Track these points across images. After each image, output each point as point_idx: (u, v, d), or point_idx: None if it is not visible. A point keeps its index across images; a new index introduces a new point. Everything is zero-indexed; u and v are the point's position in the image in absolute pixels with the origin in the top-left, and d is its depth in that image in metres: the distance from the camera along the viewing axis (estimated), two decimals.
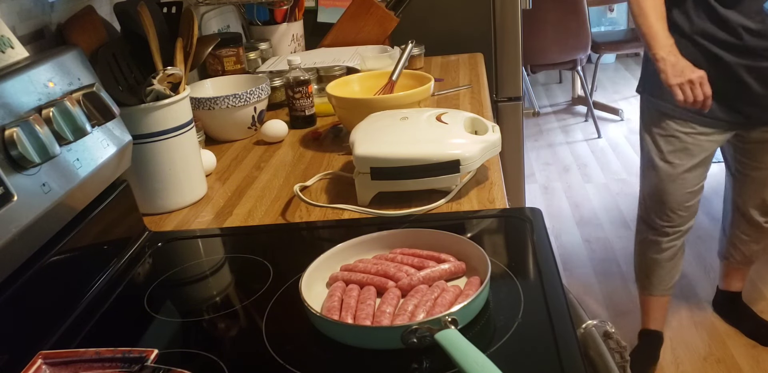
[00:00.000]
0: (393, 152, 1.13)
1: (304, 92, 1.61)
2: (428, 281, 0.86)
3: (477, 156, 1.13)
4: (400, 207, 1.13)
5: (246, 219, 1.18)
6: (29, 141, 0.81)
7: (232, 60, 1.82)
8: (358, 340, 0.79)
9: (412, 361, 0.76)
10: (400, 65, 1.53)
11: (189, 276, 1.04)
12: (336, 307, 0.83)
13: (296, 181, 1.29)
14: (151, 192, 1.21)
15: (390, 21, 2.03)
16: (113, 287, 0.99)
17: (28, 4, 1.09)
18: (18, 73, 0.87)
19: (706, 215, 3.02)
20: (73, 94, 0.93)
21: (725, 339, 2.27)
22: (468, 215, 1.11)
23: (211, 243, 1.13)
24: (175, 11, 1.27)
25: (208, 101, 1.50)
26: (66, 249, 0.91)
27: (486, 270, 0.84)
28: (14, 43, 0.94)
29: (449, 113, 1.23)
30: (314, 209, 1.18)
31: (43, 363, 0.70)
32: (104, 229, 1.02)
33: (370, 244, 0.96)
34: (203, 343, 0.85)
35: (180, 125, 1.19)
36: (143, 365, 0.67)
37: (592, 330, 0.83)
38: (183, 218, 1.21)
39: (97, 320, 0.92)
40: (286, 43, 2.12)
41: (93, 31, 1.17)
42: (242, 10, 2.15)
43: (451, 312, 0.76)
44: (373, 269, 0.89)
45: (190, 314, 0.94)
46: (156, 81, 1.15)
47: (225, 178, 1.38)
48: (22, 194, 0.80)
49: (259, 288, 0.94)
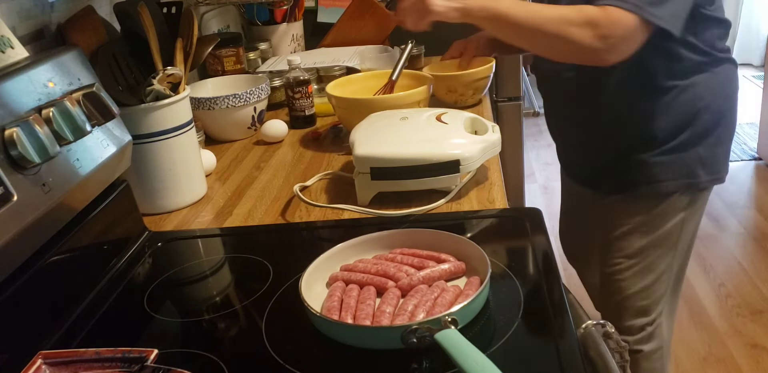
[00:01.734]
0: (393, 152, 1.13)
1: (304, 92, 1.61)
2: (428, 281, 0.86)
3: (477, 156, 1.13)
4: (400, 207, 1.13)
5: (246, 219, 1.18)
6: (29, 141, 0.81)
7: (232, 60, 1.82)
8: (358, 340, 0.79)
9: (412, 361, 0.76)
10: (400, 65, 1.53)
11: (189, 276, 1.04)
12: (336, 307, 0.83)
13: (296, 181, 1.29)
14: (151, 192, 1.21)
15: (390, 21, 2.03)
16: (113, 287, 0.99)
17: (28, 4, 1.09)
18: (18, 73, 0.87)
19: (706, 215, 3.01)
20: (73, 94, 0.93)
21: (725, 339, 2.27)
22: (468, 215, 1.11)
23: (211, 243, 1.13)
24: (175, 11, 1.27)
25: (208, 101, 1.50)
26: (66, 249, 0.91)
27: (486, 270, 0.84)
28: (14, 43, 0.94)
29: (449, 113, 1.23)
30: (314, 209, 1.18)
31: (43, 363, 0.70)
32: (104, 229, 1.02)
33: (370, 244, 0.96)
34: (203, 343, 0.85)
35: (180, 125, 1.19)
36: (143, 365, 0.67)
37: (592, 330, 0.83)
38: (183, 218, 1.21)
39: (97, 320, 0.92)
40: (286, 43, 2.12)
41: (93, 31, 1.17)
42: (242, 10, 2.15)
43: (451, 312, 0.76)
44: (373, 269, 0.89)
45: (190, 314, 0.94)
46: (156, 81, 1.15)
47: (225, 179, 1.38)
48: (22, 194, 0.80)
49: (259, 288, 0.94)
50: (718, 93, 1.31)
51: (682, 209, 1.38)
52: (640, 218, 1.38)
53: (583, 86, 1.34)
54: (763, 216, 3.04)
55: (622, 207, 1.40)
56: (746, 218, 3.03)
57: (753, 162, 3.59)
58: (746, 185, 3.36)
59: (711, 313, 2.41)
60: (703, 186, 1.36)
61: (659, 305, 1.46)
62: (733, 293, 2.50)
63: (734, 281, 2.57)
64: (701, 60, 1.28)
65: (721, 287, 2.55)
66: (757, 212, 3.08)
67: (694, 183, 1.34)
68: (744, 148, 3.72)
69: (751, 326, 2.32)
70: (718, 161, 1.35)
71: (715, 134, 1.32)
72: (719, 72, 1.31)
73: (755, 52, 5.05)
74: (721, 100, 1.33)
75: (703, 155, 1.32)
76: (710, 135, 1.32)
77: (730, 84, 1.35)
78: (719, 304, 2.46)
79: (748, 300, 2.44)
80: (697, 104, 1.29)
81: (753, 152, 3.65)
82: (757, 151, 3.64)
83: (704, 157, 1.32)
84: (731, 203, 3.15)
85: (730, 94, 1.35)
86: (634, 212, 1.39)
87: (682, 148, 1.31)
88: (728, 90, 1.35)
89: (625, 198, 1.39)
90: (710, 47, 1.28)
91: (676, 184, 1.34)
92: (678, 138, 1.31)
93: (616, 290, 1.45)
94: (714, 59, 1.29)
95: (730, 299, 2.47)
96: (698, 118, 1.30)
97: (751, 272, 2.62)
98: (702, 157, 1.32)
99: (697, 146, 1.31)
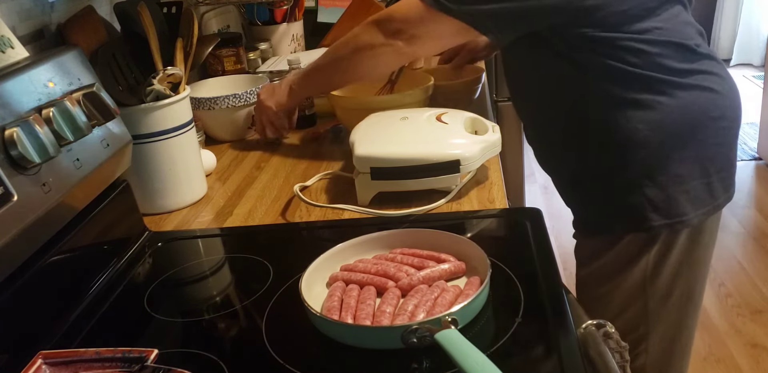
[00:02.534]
0: (393, 152, 1.13)
1: None
2: (428, 281, 0.86)
3: (477, 156, 1.13)
4: (400, 207, 1.13)
5: (246, 219, 1.18)
6: (29, 141, 0.81)
7: (232, 60, 1.82)
8: (358, 340, 0.79)
9: (412, 361, 0.76)
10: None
11: (189, 276, 1.04)
12: (336, 307, 0.83)
13: (296, 181, 1.29)
14: (151, 192, 1.21)
15: None
16: (113, 287, 0.99)
17: (28, 4, 1.09)
18: (18, 73, 0.87)
19: None
20: (73, 94, 0.93)
21: (725, 339, 2.27)
22: (468, 215, 1.11)
23: (211, 243, 1.13)
24: (175, 11, 1.27)
25: (208, 101, 1.50)
26: (66, 249, 0.91)
27: (486, 270, 0.84)
28: (14, 43, 0.94)
29: (449, 113, 1.23)
30: (314, 209, 1.18)
31: (43, 363, 0.70)
32: (104, 229, 1.02)
33: (370, 244, 0.96)
34: (203, 343, 0.85)
35: (180, 125, 1.19)
36: (143, 365, 0.67)
37: (592, 330, 0.83)
38: (183, 218, 1.21)
39: (97, 320, 0.92)
40: (286, 43, 2.12)
41: (93, 31, 1.17)
42: (242, 10, 2.15)
43: (451, 312, 0.76)
44: (373, 269, 0.89)
45: (190, 314, 0.94)
46: (156, 81, 1.15)
47: (225, 179, 1.38)
48: (22, 194, 0.80)
49: (259, 288, 0.94)
50: (663, 126, 1.09)
51: (637, 254, 1.19)
52: (593, 262, 1.25)
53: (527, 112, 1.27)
54: (763, 216, 3.04)
55: (584, 244, 1.28)
56: (746, 218, 3.03)
57: (753, 162, 3.59)
58: (746, 185, 3.36)
59: (711, 313, 2.41)
60: (658, 231, 1.15)
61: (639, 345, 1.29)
62: (733, 293, 2.50)
63: (734, 281, 2.57)
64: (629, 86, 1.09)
65: (721, 287, 2.55)
66: (757, 211, 3.08)
67: (644, 227, 1.15)
68: (744, 148, 3.72)
69: (751, 326, 2.33)
70: (678, 203, 1.13)
71: (667, 173, 1.11)
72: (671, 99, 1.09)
73: (755, 52, 5.06)
74: (672, 134, 1.10)
75: (653, 197, 1.12)
76: (659, 174, 1.11)
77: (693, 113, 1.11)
78: (719, 304, 2.46)
79: (748, 300, 2.44)
80: (632, 139, 1.10)
81: (753, 152, 3.66)
82: (757, 151, 3.64)
83: (654, 199, 1.12)
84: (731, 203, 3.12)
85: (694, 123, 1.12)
86: (588, 255, 1.27)
87: (626, 189, 1.14)
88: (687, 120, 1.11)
89: (580, 236, 1.26)
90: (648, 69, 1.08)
91: (622, 228, 1.17)
92: (617, 177, 1.14)
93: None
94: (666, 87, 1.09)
95: (730, 299, 2.47)
96: (633, 156, 1.11)
97: (751, 272, 2.62)
98: (651, 199, 1.12)
99: (641, 187, 1.12)
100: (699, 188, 1.15)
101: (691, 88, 1.11)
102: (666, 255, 1.20)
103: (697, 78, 1.12)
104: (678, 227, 1.16)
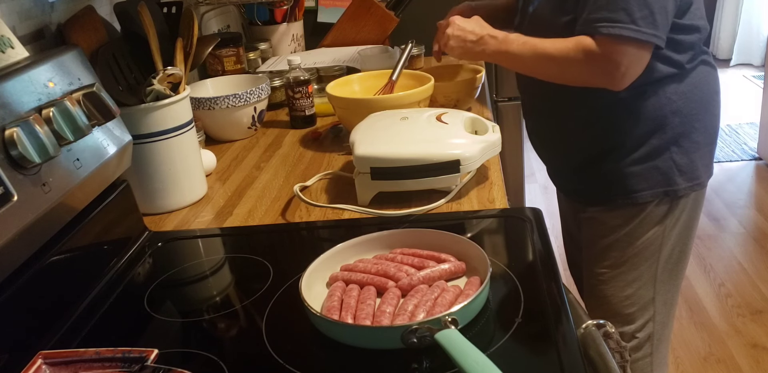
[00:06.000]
0: (393, 152, 1.13)
1: (304, 92, 1.61)
2: (428, 281, 0.86)
3: (477, 156, 1.13)
4: (400, 207, 1.13)
5: (246, 219, 1.18)
6: (29, 141, 0.81)
7: (232, 60, 1.82)
8: (358, 340, 0.79)
9: (412, 361, 0.76)
10: (400, 65, 1.53)
11: (189, 276, 1.04)
12: (336, 307, 0.83)
13: (296, 181, 1.29)
14: (151, 192, 1.21)
15: (390, 21, 2.03)
16: (113, 287, 0.99)
17: (28, 4, 1.09)
18: (18, 73, 0.87)
19: (706, 215, 3.02)
20: (73, 94, 0.93)
21: (725, 339, 2.27)
22: (468, 215, 1.11)
23: (211, 243, 1.13)
24: (175, 11, 1.27)
25: (208, 101, 1.50)
26: (66, 249, 0.91)
27: (486, 270, 0.84)
28: (14, 43, 0.94)
29: (449, 113, 1.23)
30: (314, 209, 1.18)
31: (43, 363, 0.70)
32: (104, 229, 1.02)
33: (370, 244, 0.96)
34: (203, 343, 0.85)
35: (180, 125, 1.19)
36: (143, 365, 0.67)
37: (592, 330, 0.83)
38: (183, 218, 1.21)
39: (97, 320, 0.92)
40: (286, 43, 2.12)
41: (93, 31, 1.17)
42: (242, 10, 2.15)
43: (451, 312, 0.76)
44: (373, 269, 0.89)
45: (190, 314, 0.94)
46: (156, 81, 1.15)
47: (225, 178, 1.38)
48: (22, 194, 0.80)
49: (259, 288, 0.94)
50: (689, 97, 1.25)
51: (662, 218, 1.32)
52: (620, 230, 1.34)
53: (549, 89, 1.30)
54: (763, 216, 3.04)
55: (601, 219, 1.36)
56: (746, 218, 3.03)
57: (753, 162, 3.58)
58: (746, 185, 3.36)
59: (711, 313, 2.41)
60: (683, 193, 1.30)
61: (646, 313, 1.42)
62: (733, 293, 2.50)
63: (734, 281, 2.57)
64: (672, 64, 1.22)
65: (721, 287, 2.55)
66: (757, 211, 3.08)
67: (671, 191, 1.29)
68: (744, 148, 3.72)
69: (751, 326, 2.32)
70: (697, 167, 1.29)
71: (691, 139, 1.27)
72: (692, 75, 1.25)
73: (755, 52, 5.05)
74: (695, 104, 1.26)
75: (679, 162, 1.27)
76: (685, 140, 1.27)
77: (706, 87, 1.29)
78: (719, 304, 2.46)
79: (748, 300, 2.44)
80: (664, 109, 1.24)
81: (753, 152, 3.65)
82: (757, 151, 3.64)
83: (680, 163, 1.27)
84: (731, 203, 3.15)
85: (706, 97, 1.29)
86: (614, 224, 1.34)
87: (655, 156, 1.27)
88: (703, 93, 1.28)
89: (603, 209, 1.35)
90: (682, 52, 1.22)
91: (652, 193, 1.29)
92: (647, 144, 1.26)
93: (601, 298, 1.42)
94: (687, 62, 1.24)
95: (730, 299, 2.47)
96: (667, 123, 1.25)
97: (751, 272, 2.62)
98: (678, 163, 1.27)
99: (670, 153, 1.26)
100: (707, 154, 1.32)
101: (702, 63, 1.28)
102: (679, 218, 1.33)
103: (702, 55, 1.28)
104: (696, 189, 1.31)
